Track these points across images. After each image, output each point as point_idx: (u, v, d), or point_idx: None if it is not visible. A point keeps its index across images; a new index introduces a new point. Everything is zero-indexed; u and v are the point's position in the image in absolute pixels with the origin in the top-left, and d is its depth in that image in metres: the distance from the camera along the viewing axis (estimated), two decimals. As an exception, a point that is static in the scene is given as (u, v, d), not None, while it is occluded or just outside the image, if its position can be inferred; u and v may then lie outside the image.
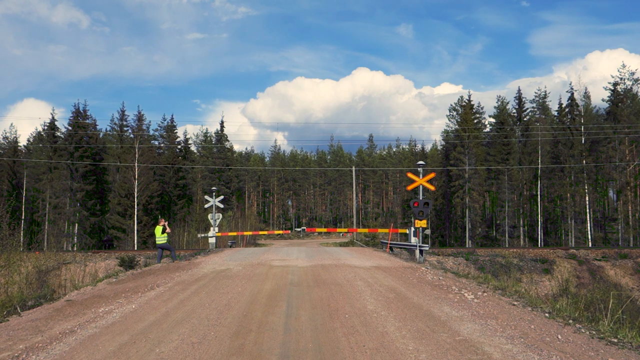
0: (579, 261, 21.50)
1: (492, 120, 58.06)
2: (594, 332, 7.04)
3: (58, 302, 9.80)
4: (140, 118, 58.64)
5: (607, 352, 6.03)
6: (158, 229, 18.23)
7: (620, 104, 48.40)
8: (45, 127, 56.71)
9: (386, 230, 24.75)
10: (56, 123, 55.70)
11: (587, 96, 51.79)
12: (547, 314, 8.26)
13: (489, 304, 9.09)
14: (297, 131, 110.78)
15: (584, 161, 47.34)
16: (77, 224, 50.03)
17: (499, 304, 9.18)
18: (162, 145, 61.22)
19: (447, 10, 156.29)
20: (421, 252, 18.66)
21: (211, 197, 28.51)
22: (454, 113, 60.51)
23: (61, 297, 10.59)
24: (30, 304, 9.64)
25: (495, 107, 58.22)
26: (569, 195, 48.09)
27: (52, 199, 49.78)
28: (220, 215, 29.30)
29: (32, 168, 55.57)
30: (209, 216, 28.58)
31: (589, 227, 45.59)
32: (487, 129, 59.18)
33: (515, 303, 9.25)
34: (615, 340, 6.59)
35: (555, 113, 56.46)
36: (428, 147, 76.16)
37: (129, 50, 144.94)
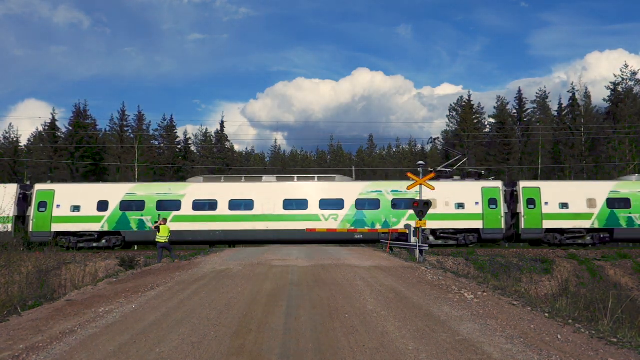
0: (579, 261, 21.49)
1: (492, 120, 58.03)
2: (593, 332, 7.04)
3: (58, 302, 9.80)
4: (140, 118, 58.64)
5: (607, 352, 6.04)
6: (164, 228, 18.32)
7: (620, 104, 48.35)
8: (46, 127, 56.74)
9: (386, 230, 24.74)
10: (57, 123, 55.82)
11: (587, 96, 51.79)
12: (546, 314, 8.27)
13: (488, 303, 9.10)
14: (297, 131, 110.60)
15: (584, 161, 47.30)
16: (77, 224, 49.93)
17: (499, 303, 9.18)
18: (162, 145, 61.19)
19: (446, 11, 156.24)
20: (421, 252, 18.66)
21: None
22: (454, 113, 60.43)
23: (61, 297, 10.59)
24: (31, 304, 9.64)
25: (495, 107, 58.18)
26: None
27: (53, 199, 49.71)
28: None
29: (32, 168, 55.56)
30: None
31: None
32: (487, 129, 59.12)
33: (515, 303, 9.26)
34: (615, 340, 6.59)
35: (556, 113, 56.44)
36: (428, 147, 76.03)
37: (130, 51, 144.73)
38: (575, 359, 5.76)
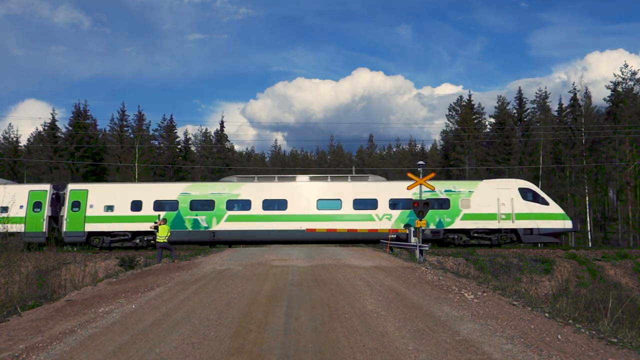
0: (579, 261, 21.48)
1: (492, 120, 57.96)
2: (593, 332, 7.04)
3: (58, 302, 9.80)
4: (140, 118, 58.60)
5: (607, 352, 6.03)
6: (163, 228, 18.29)
7: (620, 104, 48.32)
8: (46, 127, 56.71)
9: (386, 230, 24.73)
10: (57, 123, 55.75)
11: (587, 96, 51.72)
12: (546, 314, 8.26)
13: (488, 304, 9.10)
14: (297, 131, 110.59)
15: (585, 161, 47.27)
16: (77, 224, 49.89)
17: (499, 304, 9.18)
18: (162, 145, 61.17)
19: (446, 11, 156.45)
20: (421, 252, 18.65)
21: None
22: (453, 113, 60.36)
23: (61, 297, 10.59)
24: (30, 304, 9.64)
25: (495, 107, 58.09)
26: (569, 195, 48.01)
27: (53, 199, 49.68)
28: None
29: (32, 168, 55.51)
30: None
31: (589, 227, 45.45)
32: (487, 129, 59.04)
33: (515, 303, 9.26)
34: (615, 340, 6.59)
35: (556, 113, 56.38)
36: (428, 147, 75.94)
37: (130, 51, 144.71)
38: (576, 359, 5.76)
